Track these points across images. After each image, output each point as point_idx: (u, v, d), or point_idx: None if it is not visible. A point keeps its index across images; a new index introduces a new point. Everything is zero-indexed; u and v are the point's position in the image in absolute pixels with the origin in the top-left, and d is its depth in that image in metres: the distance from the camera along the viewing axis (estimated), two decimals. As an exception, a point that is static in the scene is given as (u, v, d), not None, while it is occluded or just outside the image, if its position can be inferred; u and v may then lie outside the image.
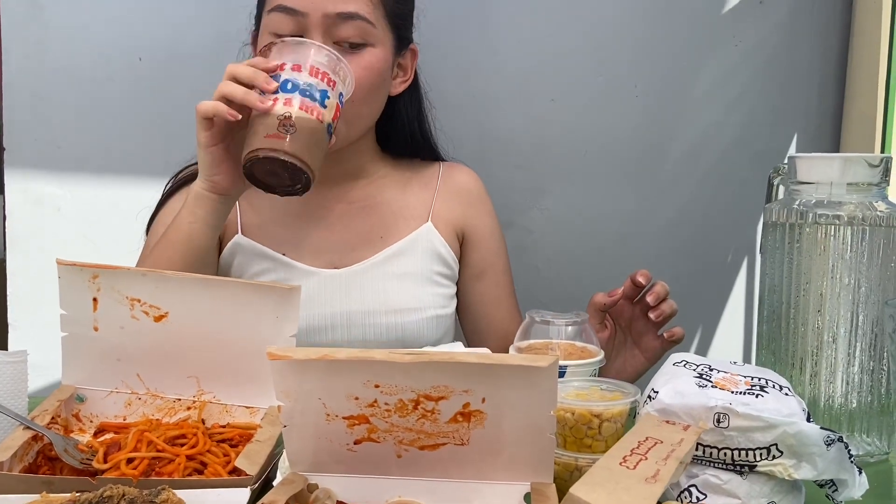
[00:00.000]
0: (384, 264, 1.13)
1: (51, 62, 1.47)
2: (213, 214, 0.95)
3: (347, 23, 1.00)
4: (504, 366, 0.60)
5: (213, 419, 0.84)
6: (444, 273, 1.17)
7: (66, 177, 1.51)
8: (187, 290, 0.80)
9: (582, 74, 1.63)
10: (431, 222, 1.16)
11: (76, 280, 0.80)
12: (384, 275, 1.12)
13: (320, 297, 1.10)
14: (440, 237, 1.16)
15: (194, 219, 0.94)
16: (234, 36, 1.53)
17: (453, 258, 1.18)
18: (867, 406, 0.85)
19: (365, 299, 1.11)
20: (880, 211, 0.83)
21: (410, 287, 1.13)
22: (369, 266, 1.12)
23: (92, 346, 0.82)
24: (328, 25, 0.99)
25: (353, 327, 1.10)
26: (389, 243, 1.14)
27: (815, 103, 1.71)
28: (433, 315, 1.13)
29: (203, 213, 0.94)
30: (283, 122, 0.85)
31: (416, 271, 1.14)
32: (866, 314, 0.83)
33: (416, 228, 1.15)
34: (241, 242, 1.11)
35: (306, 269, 1.10)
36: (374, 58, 1.03)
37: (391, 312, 1.11)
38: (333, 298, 1.10)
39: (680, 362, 0.75)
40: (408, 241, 1.14)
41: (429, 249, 1.15)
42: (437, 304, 1.15)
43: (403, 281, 1.13)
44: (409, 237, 1.15)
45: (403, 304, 1.12)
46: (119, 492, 0.60)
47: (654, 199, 1.69)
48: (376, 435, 0.65)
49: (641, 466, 0.60)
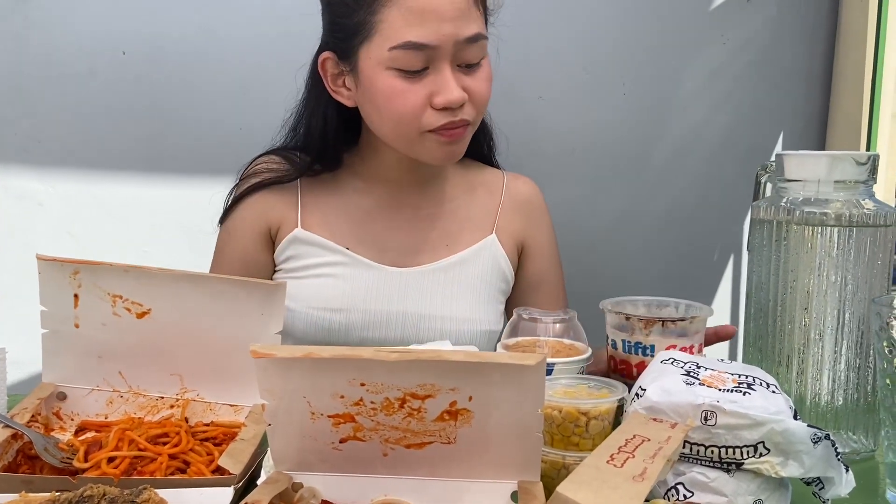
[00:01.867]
0: (447, 271, 1.13)
1: (32, 56, 1.45)
2: None
3: (473, 45, 1.00)
4: (491, 364, 0.60)
5: (197, 417, 0.83)
6: (503, 289, 1.18)
7: (47, 172, 1.49)
8: (170, 286, 0.79)
9: (570, 72, 1.63)
10: (496, 234, 1.17)
11: (57, 276, 0.79)
12: (446, 281, 1.12)
13: (380, 292, 1.10)
14: (502, 251, 1.17)
15: None
16: (219, 30, 1.52)
17: (511, 274, 1.19)
18: (853, 404, 0.85)
19: (424, 302, 1.10)
20: (867, 209, 0.83)
21: (470, 298, 1.13)
22: (432, 270, 1.13)
23: (73, 343, 0.81)
24: (456, 52, 0.99)
25: (408, 328, 1.10)
26: (454, 251, 1.15)
27: (802, 102, 1.72)
28: (486, 329, 1.13)
29: None
30: None
31: (477, 284, 1.14)
32: (853, 312, 0.83)
33: (480, 239, 1.16)
34: (300, 236, 1.11)
35: (369, 262, 1.10)
36: (489, 68, 1.05)
37: (447, 319, 1.11)
38: (392, 296, 1.10)
39: (667, 360, 0.75)
40: (472, 251, 1.15)
41: (491, 263, 1.16)
42: (492, 320, 1.15)
43: (464, 291, 1.13)
44: (474, 248, 1.15)
45: (461, 313, 1.12)
46: (100, 491, 0.59)
47: (641, 197, 1.69)
48: (362, 434, 0.64)
49: (629, 464, 0.60)
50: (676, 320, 0.84)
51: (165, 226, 1.52)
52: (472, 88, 1.01)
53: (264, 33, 1.49)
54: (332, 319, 1.07)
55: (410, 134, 1.02)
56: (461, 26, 0.97)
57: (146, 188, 1.51)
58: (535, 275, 1.21)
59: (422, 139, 1.02)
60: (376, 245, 1.12)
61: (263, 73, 1.50)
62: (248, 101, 1.52)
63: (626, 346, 0.86)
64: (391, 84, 0.98)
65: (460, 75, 1.00)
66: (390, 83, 0.98)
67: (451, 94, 0.98)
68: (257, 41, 1.49)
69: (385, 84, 0.99)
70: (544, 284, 1.21)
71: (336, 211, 1.13)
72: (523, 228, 1.21)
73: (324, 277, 1.09)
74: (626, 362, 0.86)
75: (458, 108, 1.00)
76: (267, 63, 1.50)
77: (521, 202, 1.22)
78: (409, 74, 0.98)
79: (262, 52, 1.50)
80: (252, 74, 1.51)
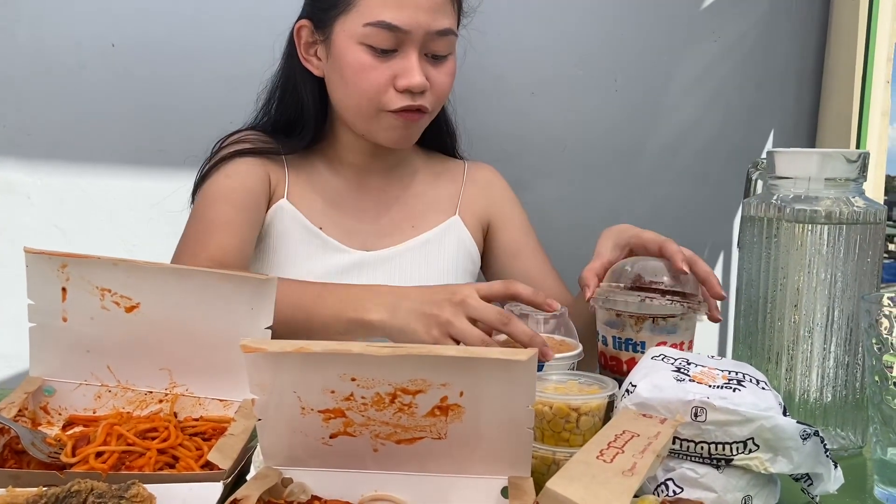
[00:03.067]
0: (414, 252, 1.17)
1: (21, 48, 1.44)
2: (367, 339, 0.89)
3: (442, 38, 1.06)
4: (482, 359, 0.60)
5: (186, 412, 0.82)
6: (470, 270, 1.22)
7: (36, 165, 1.48)
8: (159, 280, 0.79)
9: (561, 68, 1.63)
10: (459, 215, 1.23)
11: (44, 269, 0.78)
12: (413, 262, 1.16)
13: (349, 275, 1.13)
14: (467, 231, 1.22)
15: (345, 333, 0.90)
16: (208, 22, 1.51)
17: (478, 254, 1.24)
18: (842, 400, 0.85)
19: (391, 283, 1.10)
20: (857, 206, 0.83)
21: (437, 278, 1.16)
22: (399, 252, 1.17)
23: (61, 337, 0.80)
24: (425, 41, 1.05)
25: None
26: (420, 232, 1.19)
27: (792, 100, 1.73)
28: None
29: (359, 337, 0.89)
30: None
31: (444, 264, 1.18)
32: (842, 309, 0.84)
33: (444, 220, 1.22)
34: (284, 207, 1.14)
35: (340, 246, 1.14)
36: (454, 65, 1.11)
37: None
38: (361, 279, 1.12)
39: (658, 356, 0.75)
40: (436, 231, 1.20)
41: (456, 243, 1.21)
42: None
43: (431, 271, 1.17)
44: (438, 228, 1.21)
45: None
46: (87, 486, 0.59)
47: (631, 193, 1.69)
48: (352, 429, 0.64)
49: (618, 460, 0.60)
50: (667, 317, 0.84)
51: (154, 220, 1.51)
52: (435, 79, 1.07)
53: (255, 27, 1.48)
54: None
55: (370, 110, 1.07)
56: (435, 18, 1.04)
57: (135, 182, 1.50)
58: (510, 244, 1.25)
59: (378, 118, 1.07)
60: (346, 228, 1.16)
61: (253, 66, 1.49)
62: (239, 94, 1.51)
63: (616, 342, 0.86)
64: (360, 59, 1.04)
65: (426, 64, 1.06)
66: (359, 58, 1.04)
67: (414, 79, 1.04)
68: (248, 34, 1.49)
69: (354, 58, 1.05)
70: (524, 249, 1.25)
71: (313, 189, 1.17)
72: (486, 206, 1.26)
73: (297, 257, 1.12)
74: (617, 358, 0.86)
75: (419, 94, 1.06)
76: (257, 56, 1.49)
77: (482, 184, 1.28)
78: (379, 53, 1.04)
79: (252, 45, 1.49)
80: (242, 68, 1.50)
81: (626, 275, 0.87)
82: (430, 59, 1.07)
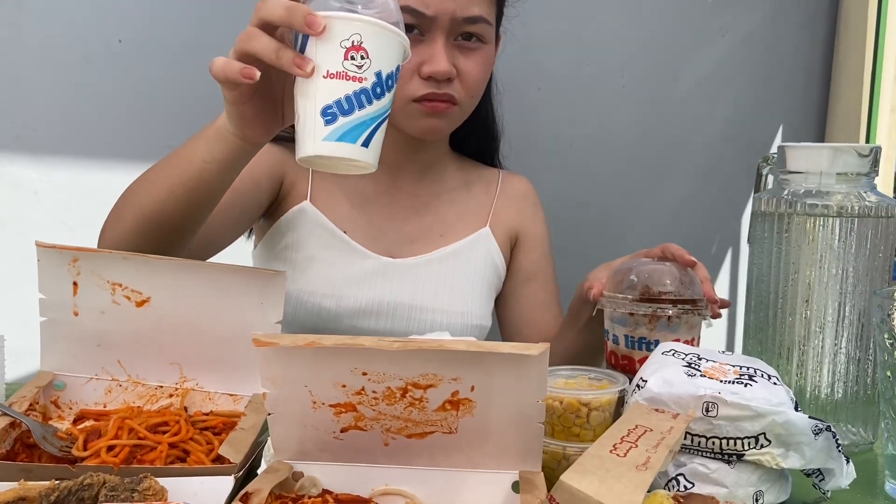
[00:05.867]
0: (441, 262, 1.13)
1: (27, 43, 1.44)
2: (235, 160, 0.80)
3: (473, 26, 1.01)
4: (494, 354, 0.60)
5: (196, 407, 0.82)
6: (495, 285, 1.19)
7: (42, 160, 1.48)
8: (170, 274, 0.79)
9: (569, 65, 1.62)
10: (489, 227, 1.18)
11: (56, 263, 0.78)
12: (440, 273, 1.12)
13: (372, 281, 1.09)
14: (495, 244, 1.18)
15: (211, 159, 0.79)
16: (214, 18, 1.51)
17: (504, 268, 1.20)
18: (853, 396, 0.85)
19: (416, 293, 1.10)
20: (869, 201, 0.83)
21: (464, 291, 1.13)
22: (427, 261, 1.12)
23: (71, 331, 0.80)
24: (453, 28, 1.00)
25: (398, 318, 1.09)
26: (449, 242, 1.15)
27: (801, 95, 1.72)
28: (478, 324, 1.13)
29: (223, 156, 0.78)
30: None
31: (471, 277, 1.14)
32: (853, 304, 0.84)
33: (474, 231, 1.17)
34: (306, 209, 1.10)
35: (364, 251, 1.10)
36: (488, 55, 1.05)
37: (439, 312, 1.10)
38: (385, 286, 1.09)
39: (668, 351, 0.75)
40: (466, 242, 1.16)
41: (484, 256, 1.16)
42: (484, 315, 1.15)
43: (458, 283, 1.13)
44: (468, 239, 1.16)
45: (454, 306, 1.11)
46: (99, 479, 0.59)
47: (639, 190, 1.69)
48: (363, 423, 0.64)
49: (632, 454, 0.60)
50: (681, 314, 0.83)
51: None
52: (463, 68, 1.02)
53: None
54: (323, 305, 1.06)
55: (398, 100, 1.02)
56: (463, 5, 0.99)
57: (143, 177, 1.50)
58: (529, 265, 1.21)
59: (406, 108, 1.03)
60: (372, 232, 1.12)
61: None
62: (246, 90, 1.51)
63: (628, 341, 0.86)
64: None
65: (455, 52, 1.01)
66: None
67: (439, 66, 0.99)
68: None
69: None
70: (539, 276, 1.21)
71: (339, 191, 1.12)
72: (517, 219, 1.21)
73: (318, 262, 1.08)
74: (629, 357, 0.86)
75: (445, 82, 1.01)
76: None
77: (516, 196, 1.23)
78: None
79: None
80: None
81: (632, 285, 0.85)
82: (461, 48, 1.02)
